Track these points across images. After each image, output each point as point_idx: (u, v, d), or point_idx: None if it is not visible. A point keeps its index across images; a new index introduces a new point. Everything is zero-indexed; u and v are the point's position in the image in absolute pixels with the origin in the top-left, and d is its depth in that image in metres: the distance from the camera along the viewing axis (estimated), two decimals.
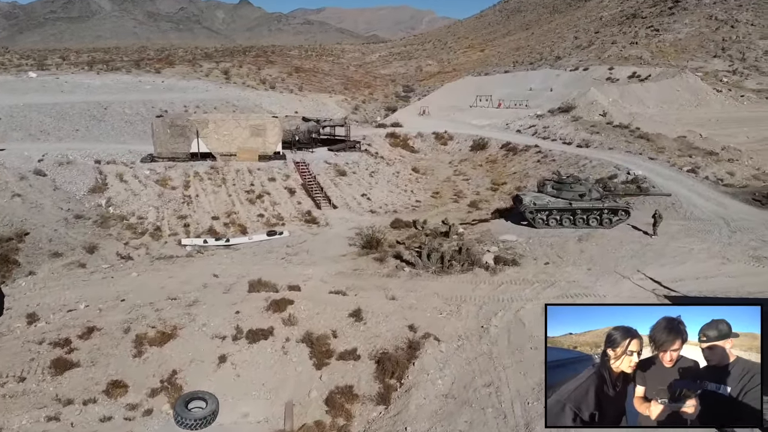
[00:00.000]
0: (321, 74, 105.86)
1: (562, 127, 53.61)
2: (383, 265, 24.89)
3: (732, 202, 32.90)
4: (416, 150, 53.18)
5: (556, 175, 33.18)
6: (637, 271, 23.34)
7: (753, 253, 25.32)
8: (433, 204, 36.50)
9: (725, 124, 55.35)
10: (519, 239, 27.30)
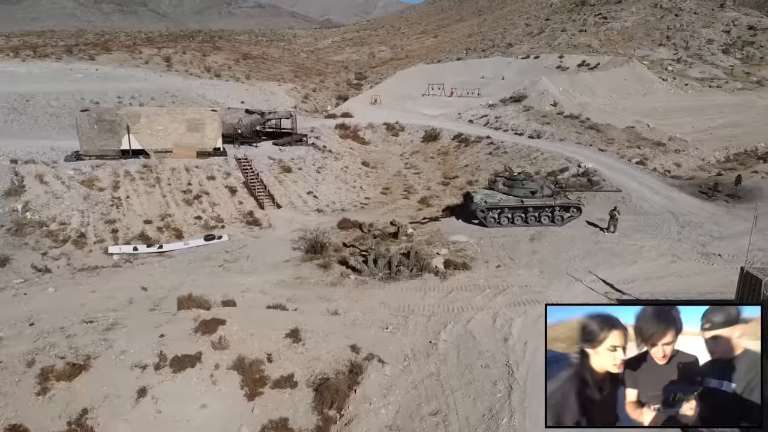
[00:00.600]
0: (270, 61, 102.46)
1: (513, 117, 53.14)
2: (328, 272, 23.41)
3: (680, 195, 32.96)
4: (367, 142, 51.71)
5: (508, 171, 32.37)
6: (589, 273, 22.72)
7: (702, 249, 25.16)
8: (382, 201, 35.17)
9: (671, 113, 56.05)
10: (470, 240, 26.30)
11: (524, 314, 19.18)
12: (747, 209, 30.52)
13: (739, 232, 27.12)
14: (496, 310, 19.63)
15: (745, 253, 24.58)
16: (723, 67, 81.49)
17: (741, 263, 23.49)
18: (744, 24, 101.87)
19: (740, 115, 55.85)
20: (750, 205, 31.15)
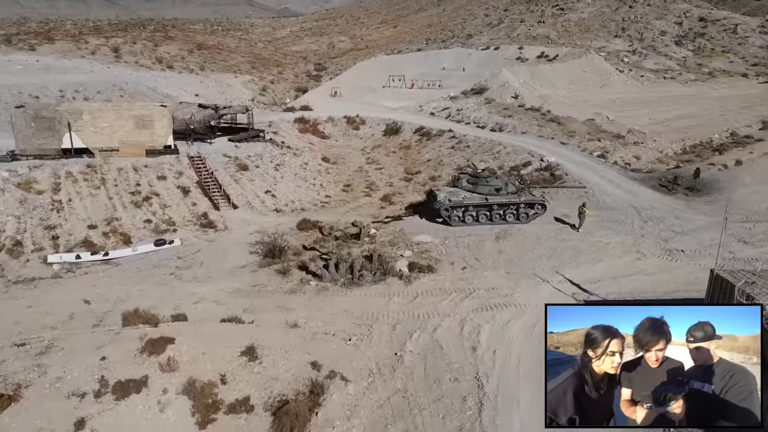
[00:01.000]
0: (226, 51, 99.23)
1: (475, 109, 52.66)
2: (287, 278, 22.25)
3: (641, 188, 33.04)
4: (327, 136, 50.37)
5: (472, 167, 31.74)
6: (555, 273, 22.30)
7: (664, 245, 25.11)
8: (344, 199, 34.05)
9: (629, 105, 56.66)
10: (434, 240, 25.54)
11: (492, 320, 18.54)
12: (706, 203, 30.88)
13: (699, 227, 27.28)
14: (463, 316, 18.94)
15: (706, 249, 24.74)
16: (676, 58, 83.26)
17: (703, 259, 23.64)
18: (695, 16, 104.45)
19: (695, 107, 56.94)
20: (709, 198, 31.56)
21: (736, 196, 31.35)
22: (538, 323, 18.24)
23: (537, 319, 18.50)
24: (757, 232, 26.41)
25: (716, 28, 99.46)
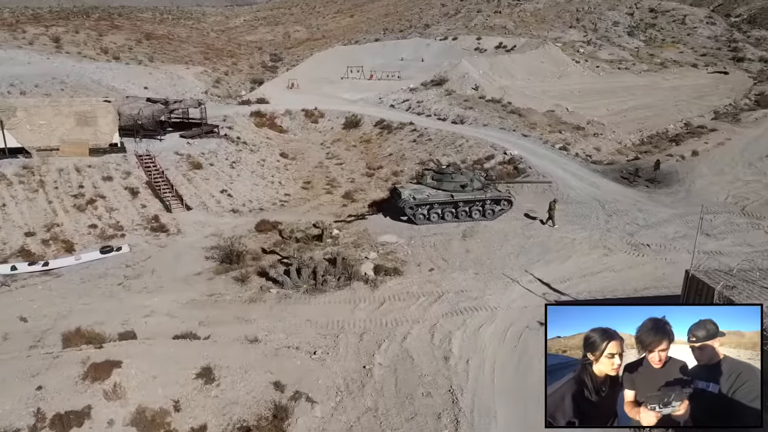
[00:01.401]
0: (177, 42, 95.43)
1: (436, 101, 51.98)
2: (245, 286, 20.93)
3: (603, 181, 33.03)
4: (285, 130, 48.80)
5: (435, 163, 30.96)
6: (525, 272, 21.77)
7: (630, 239, 24.97)
8: (304, 197, 32.76)
9: (586, 95, 57.15)
10: (400, 240, 24.65)
11: (463, 325, 17.82)
12: (667, 194, 31.08)
13: (662, 219, 27.32)
14: (433, 322, 18.15)
15: (671, 242, 24.74)
16: (629, 49, 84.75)
17: (669, 254, 23.60)
18: (646, 6, 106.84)
19: (649, 97, 57.93)
20: (669, 190, 31.81)
21: (695, 188, 31.74)
22: (510, 327, 17.65)
23: (509, 323, 17.91)
24: (718, 223, 26.62)
25: (666, 18, 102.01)
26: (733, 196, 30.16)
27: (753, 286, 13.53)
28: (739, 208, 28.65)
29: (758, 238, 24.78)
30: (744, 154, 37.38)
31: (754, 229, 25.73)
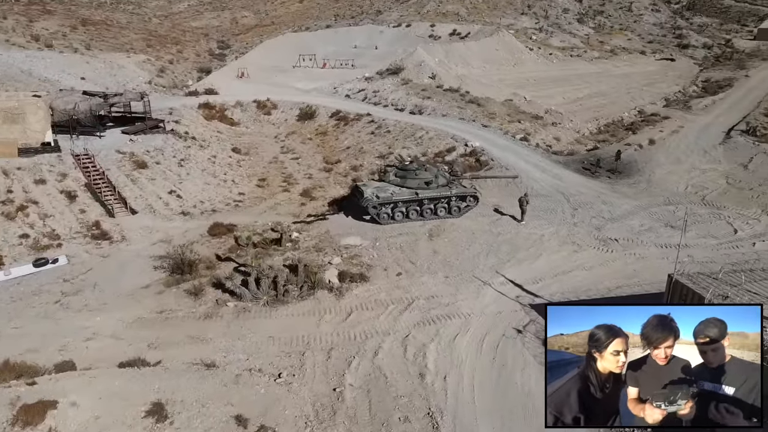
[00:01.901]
0: (116, 28, 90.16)
1: (392, 91, 50.68)
2: (199, 299, 19.27)
3: (565, 172, 32.69)
4: (236, 122, 46.47)
5: (398, 159, 29.75)
6: (496, 273, 20.97)
7: (598, 234, 24.58)
8: (259, 196, 30.97)
9: (542, 84, 57.12)
10: (364, 243, 23.40)
11: (437, 336, 16.83)
12: (629, 185, 30.99)
13: (627, 212, 27.12)
14: (404, 333, 17.09)
15: (638, 236, 24.49)
16: (580, 36, 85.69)
17: (637, 248, 23.28)
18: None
19: (602, 85, 58.49)
20: (630, 180, 31.75)
21: (655, 178, 31.80)
22: (486, 336, 16.77)
23: (484, 331, 17.03)
24: (680, 214, 26.50)
25: (613, 5, 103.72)
26: (692, 186, 30.34)
27: (740, 290, 13.06)
28: (699, 198, 28.81)
29: (721, 229, 24.84)
30: (698, 142, 37.87)
31: (717, 220, 25.82)
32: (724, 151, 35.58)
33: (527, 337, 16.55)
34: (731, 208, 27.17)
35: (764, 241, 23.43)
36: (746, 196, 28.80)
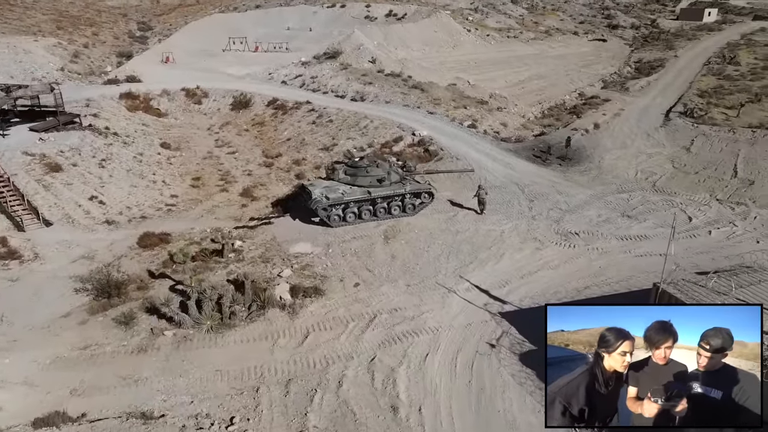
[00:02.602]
0: (21, 8, 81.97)
1: (332, 76, 48.35)
2: (131, 329, 16.81)
3: (517, 161, 31.87)
4: (163, 113, 42.87)
5: (347, 156, 27.76)
6: (459, 278, 19.66)
7: (557, 228, 23.79)
8: (195, 198, 28.17)
9: (483, 66, 56.42)
10: (316, 250, 21.47)
11: (405, 358, 15.32)
12: (580, 173, 30.53)
13: (582, 202, 26.56)
14: (369, 355, 15.48)
15: (596, 229, 23.88)
16: (515, 16, 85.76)
17: (597, 242, 22.57)
18: None
19: (541, 67, 58.52)
20: (581, 168, 31.32)
21: (604, 164, 31.53)
22: (458, 354, 15.44)
23: (456, 349, 15.69)
24: (635, 203, 26.32)
25: None
26: (641, 171, 30.24)
27: (730, 299, 12.28)
28: (650, 184, 28.70)
29: (678, 217, 24.61)
30: (640, 125, 38.09)
31: (671, 207, 25.65)
32: (666, 134, 35.89)
33: (502, 353, 15.34)
34: (682, 194, 27.16)
35: (719, 229, 23.36)
36: (693, 181, 28.94)
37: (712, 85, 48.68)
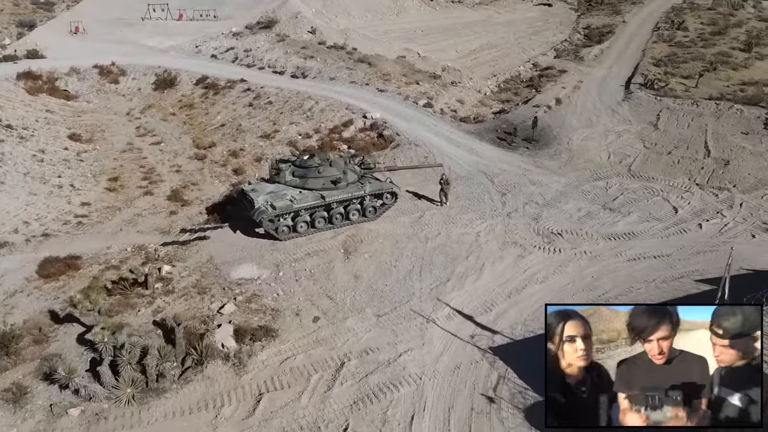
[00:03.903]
0: None
1: (268, 49, 43.50)
2: (23, 408, 12.81)
3: (481, 145, 28.97)
4: (73, 96, 37.10)
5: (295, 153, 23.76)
6: (437, 301, 16.68)
7: (537, 227, 21.18)
8: (111, 205, 23.53)
9: (431, 35, 52.84)
10: (263, 273, 17.81)
11: (386, 425, 12.27)
12: (550, 157, 28.04)
13: (558, 193, 24.09)
14: (340, 423, 12.35)
15: (579, 226, 21.43)
16: None
17: (584, 244, 20.05)
18: None
19: (491, 35, 55.52)
20: (550, 150, 28.94)
21: (574, 146, 29.15)
22: (451, 414, 12.52)
23: (447, 406, 12.77)
24: (614, 192, 24.10)
25: None
26: (613, 153, 28.07)
27: None
28: (625, 168, 26.58)
29: (662, 208, 22.56)
30: (602, 98, 35.97)
31: (652, 196, 23.58)
32: (630, 109, 33.89)
33: (503, 408, 12.55)
34: (660, 179, 25.18)
35: (708, 221, 21.42)
36: (668, 163, 27.00)
37: (665, 53, 47.38)
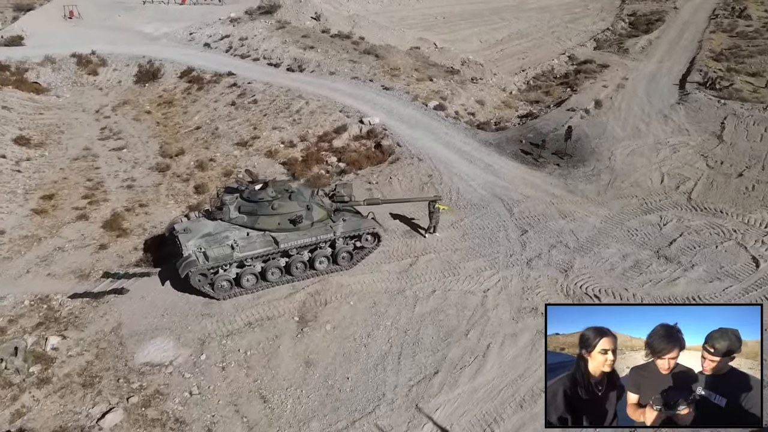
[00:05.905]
0: None
1: (265, 38, 38.63)
2: None
3: (500, 160, 23.49)
4: (44, 89, 33.10)
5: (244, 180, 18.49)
6: (417, 410, 11.55)
7: (565, 282, 15.81)
8: (32, 234, 18.93)
9: (452, 23, 47.14)
10: (179, 354, 12.90)
11: None
12: (586, 178, 22.37)
13: (596, 230, 18.56)
14: None
15: (625, 287, 15.97)
16: None
17: None
18: None
19: (522, 22, 49.46)
20: (587, 169, 23.24)
21: (617, 164, 23.39)
22: None
23: None
24: (670, 231, 18.42)
25: None
26: (668, 175, 22.24)
27: None
28: (684, 195, 20.77)
29: (736, 258, 16.82)
30: (651, 100, 30.03)
31: (722, 239, 17.82)
32: (687, 114, 27.92)
33: None
34: (731, 214, 19.33)
35: None
36: (739, 189, 21.11)
37: (726, 45, 40.76)
